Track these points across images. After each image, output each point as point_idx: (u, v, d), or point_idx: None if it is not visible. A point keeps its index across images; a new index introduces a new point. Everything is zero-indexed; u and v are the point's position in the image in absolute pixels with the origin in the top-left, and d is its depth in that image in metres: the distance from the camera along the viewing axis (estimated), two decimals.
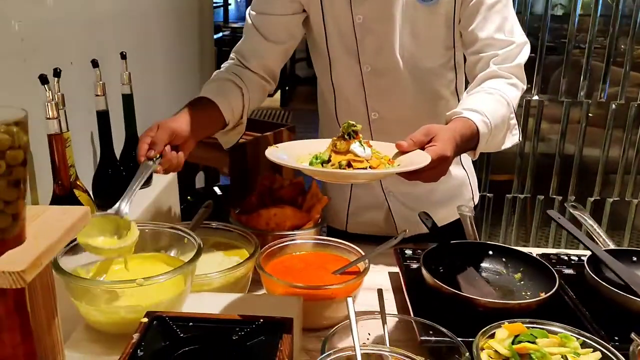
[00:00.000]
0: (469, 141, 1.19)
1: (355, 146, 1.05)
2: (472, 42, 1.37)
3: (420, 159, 1.03)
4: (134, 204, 1.42)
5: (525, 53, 1.36)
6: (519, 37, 1.37)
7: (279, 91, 8.92)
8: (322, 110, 1.61)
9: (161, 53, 2.29)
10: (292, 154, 1.10)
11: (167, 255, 1.07)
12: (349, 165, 1.04)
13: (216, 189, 2.01)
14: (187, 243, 1.05)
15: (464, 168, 1.65)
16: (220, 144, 1.45)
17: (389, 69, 1.42)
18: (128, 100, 1.53)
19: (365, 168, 1.04)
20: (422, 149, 1.08)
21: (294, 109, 8.57)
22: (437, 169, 1.07)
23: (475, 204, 1.67)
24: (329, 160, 1.06)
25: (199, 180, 2.10)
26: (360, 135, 1.08)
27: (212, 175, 2.02)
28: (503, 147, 1.33)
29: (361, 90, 1.47)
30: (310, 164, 1.07)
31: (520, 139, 1.36)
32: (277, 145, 1.11)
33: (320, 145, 1.11)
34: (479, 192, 1.77)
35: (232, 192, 1.63)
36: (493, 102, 1.27)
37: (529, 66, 1.39)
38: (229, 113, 1.31)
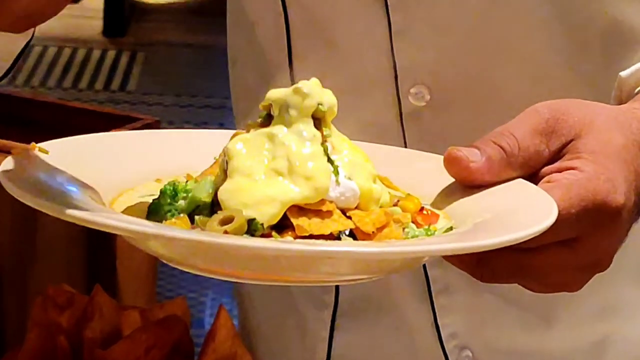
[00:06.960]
0: None
1: None
2: None
3: (522, 211, 0.52)
4: None
5: None
6: None
7: None
8: (240, 55, 0.97)
9: None
10: (99, 177, 0.55)
11: None
12: (285, 226, 0.50)
13: None
14: None
15: None
16: None
17: None
18: None
19: (338, 236, 0.50)
20: (534, 178, 0.55)
21: (144, 45, 4.20)
22: (585, 245, 0.54)
23: None
24: (216, 205, 0.52)
25: None
26: (329, 130, 0.55)
27: None
28: None
29: (377, 13, 0.86)
30: (154, 208, 0.53)
31: None
32: (44, 145, 0.56)
33: (197, 152, 0.60)
34: None
35: None
36: None
37: None
38: None
